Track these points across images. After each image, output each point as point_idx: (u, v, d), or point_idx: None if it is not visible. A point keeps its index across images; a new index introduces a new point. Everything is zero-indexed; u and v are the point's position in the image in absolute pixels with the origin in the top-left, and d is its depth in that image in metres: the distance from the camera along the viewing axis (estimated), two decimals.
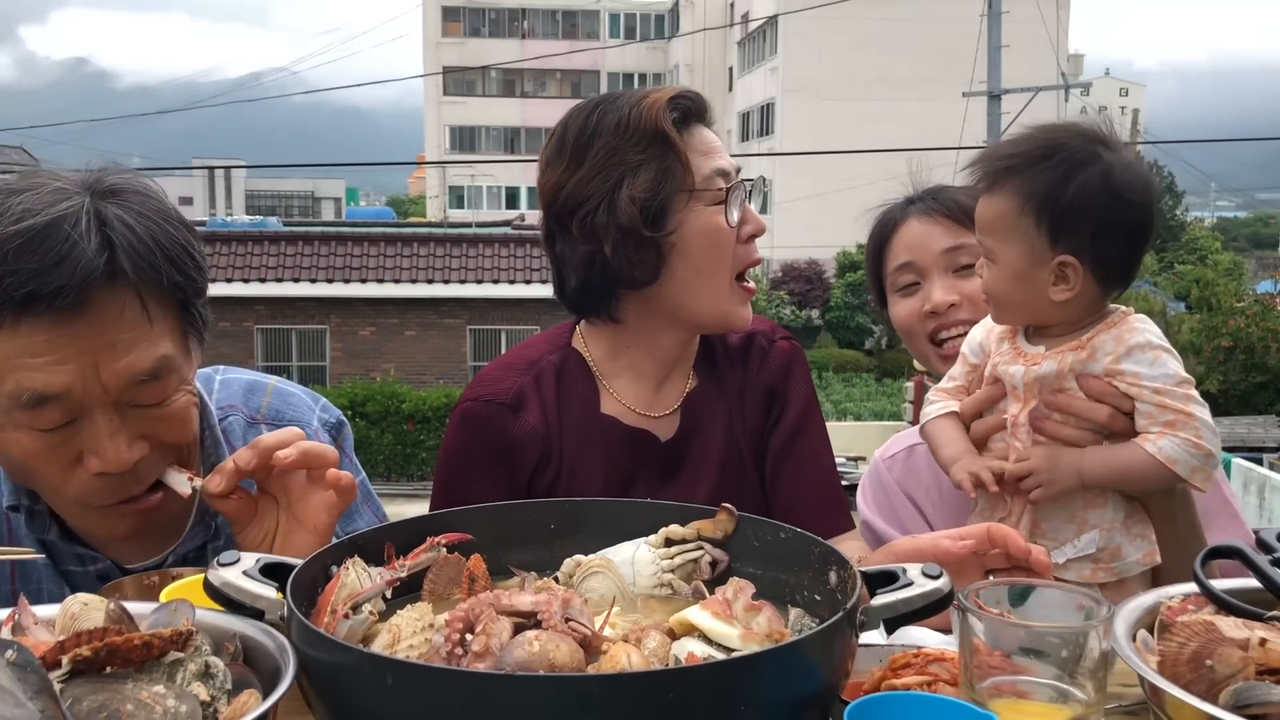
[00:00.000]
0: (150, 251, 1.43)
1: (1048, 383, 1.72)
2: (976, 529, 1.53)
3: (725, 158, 1.85)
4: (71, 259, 1.35)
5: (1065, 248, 1.68)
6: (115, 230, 1.40)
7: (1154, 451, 1.65)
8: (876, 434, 17.64)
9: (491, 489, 1.78)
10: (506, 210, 54.03)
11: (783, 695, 0.97)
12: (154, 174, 1.29)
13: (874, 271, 2.21)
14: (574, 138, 1.81)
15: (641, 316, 1.88)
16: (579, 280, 1.83)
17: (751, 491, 1.93)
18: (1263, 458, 14.89)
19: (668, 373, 1.94)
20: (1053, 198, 1.66)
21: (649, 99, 1.80)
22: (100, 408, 1.43)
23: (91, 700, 0.96)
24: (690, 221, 1.79)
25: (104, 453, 1.44)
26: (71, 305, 1.36)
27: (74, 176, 1.46)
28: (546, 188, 1.84)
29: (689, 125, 1.83)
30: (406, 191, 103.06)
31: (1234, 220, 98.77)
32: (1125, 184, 1.67)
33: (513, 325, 22.76)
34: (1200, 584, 1.20)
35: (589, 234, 1.78)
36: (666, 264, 1.80)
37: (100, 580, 1.61)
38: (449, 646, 1.02)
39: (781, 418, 1.98)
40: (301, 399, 1.87)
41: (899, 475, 2.13)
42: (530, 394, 1.87)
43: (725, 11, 55.80)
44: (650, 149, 1.77)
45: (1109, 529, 1.72)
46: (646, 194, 1.75)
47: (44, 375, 1.38)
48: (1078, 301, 1.71)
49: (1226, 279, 26.43)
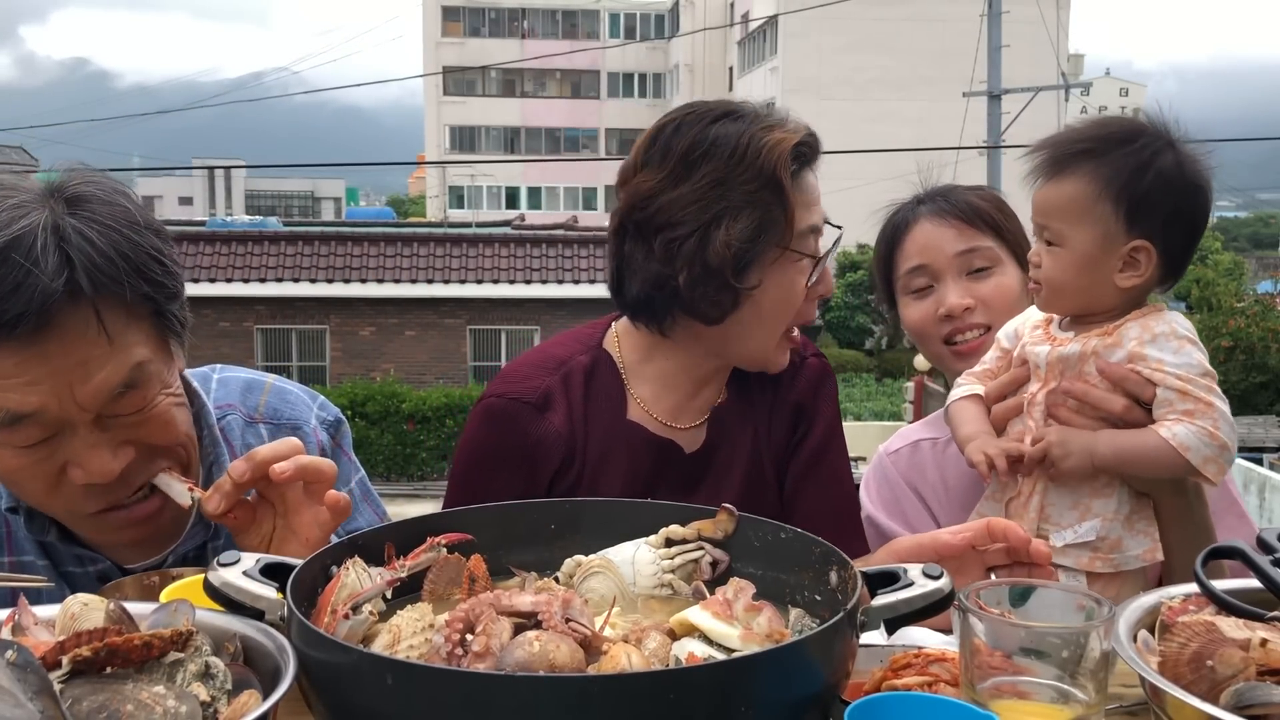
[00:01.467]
0: (112, 264, 1.39)
1: (1070, 363, 1.73)
2: (976, 523, 1.54)
3: (820, 211, 1.80)
4: (28, 285, 1.32)
5: (1140, 232, 1.69)
6: (73, 247, 1.36)
7: (1168, 436, 1.64)
8: (877, 434, 17.62)
9: (511, 488, 1.73)
10: (506, 210, 54.05)
11: (783, 696, 0.97)
12: (154, 174, 1.29)
13: (883, 273, 2.19)
14: (684, 149, 1.71)
15: (689, 339, 1.84)
16: (643, 294, 1.77)
17: (771, 509, 1.89)
18: (1263, 458, 14.89)
19: (699, 387, 1.91)
20: (1133, 182, 1.68)
21: (774, 138, 1.70)
22: (80, 422, 1.41)
23: (91, 700, 0.96)
24: (774, 276, 1.75)
25: (88, 464, 1.43)
26: (33, 330, 1.33)
27: (35, 186, 1.42)
28: (637, 190, 1.75)
29: (801, 172, 1.76)
30: (406, 191, 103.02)
31: (1234, 220, 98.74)
32: (1196, 174, 1.70)
33: (513, 325, 22.77)
34: (1201, 584, 1.20)
35: (670, 257, 1.71)
36: (738, 310, 1.75)
37: (100, 581, 1.61)
38: (449, 647, 1.02)
39: (806, 437, 1.95)
40: (300, 397, 1.86)
41: (904, 469, 2.13)
42: (558, 395, 1.82)
43: (725, 11, 55.80)
44: (760, 193, 1.69)
45: (1111, 520, 1.73)
46: (743, 242, 1.68)
47: (17, 395, 1.36)
48: (1141, 289, 1.73)
49: (1227, 279, 26.43)
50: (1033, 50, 30.48)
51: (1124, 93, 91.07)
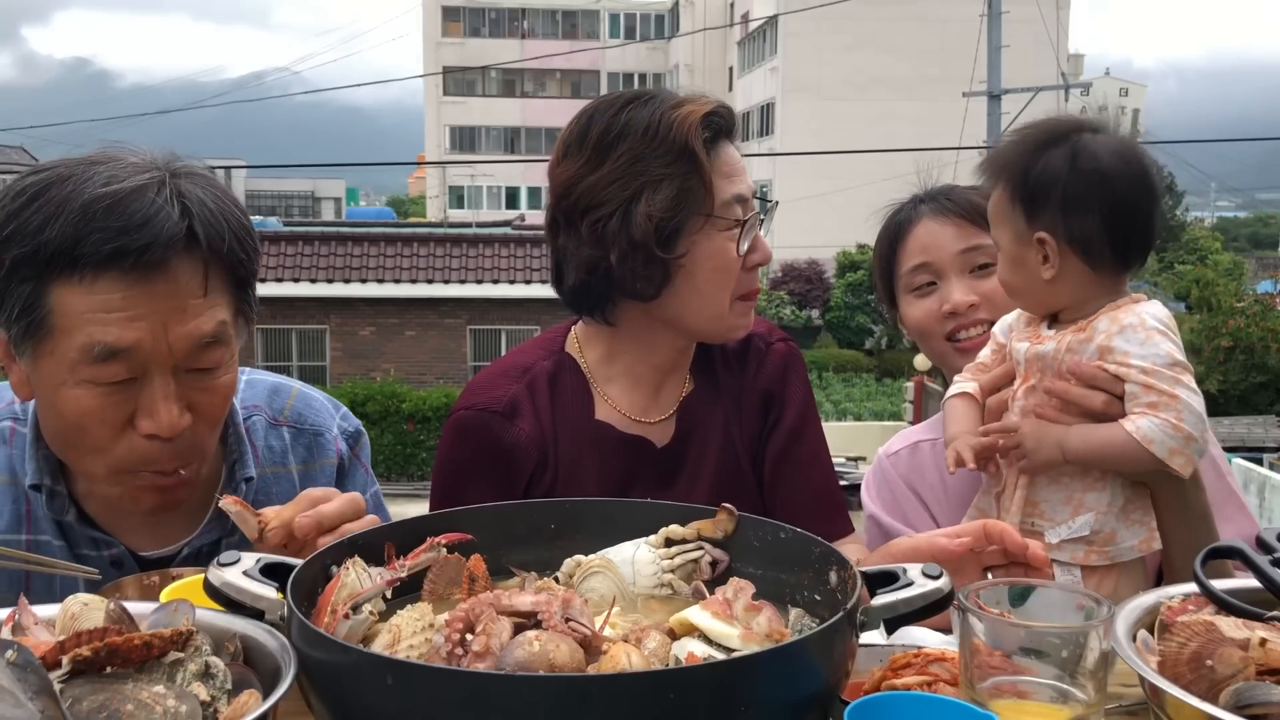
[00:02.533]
0: (220, 223, 1.50)
1: (1047, 361, 1.74)
2: (973, 526, 1.54)
3: (745, 181, 1.82)
4: (156, 221, 1.43)
5: (1040, 225, 1.72)
6: (192, 201, 1.48)
7: (1131, 430, 1.65)
8: (877, 434, 17.64)
9: (489, 495, 1.74)
10: (506, 210, 54.08)
11: (783, 695, 0.97)
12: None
13: (884, 272, 2.20)
14: (598, 134, 1.76)
15: (638, 323, 1.86)
16: (579, 281, 1.81)
17: (749, 496, 1.92)
18: (1263, 458, 14.90)
19: (663, 378, 1.93)
20: (1022, 176, 1.73)
21: (684, 110, 1.75)
22: (159, 370, 1.48)
23: (91, 700, 0.96)
24: (701, 245, 1.77)
25: (158, 415, 1.48)
26: (152, 265, 1.43)
27: (147, 155, 1.53)
28: (561, 179, 1.80)
29: (717, 143, 1.79)
30: (406, 191, 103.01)
31: (1234, 220, 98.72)
32: (1092, 159, 1.69)
33: (513, 325, 22.76)
34: (1200, 584, 1.20)
35: (597, 239, 1.75)
36: (671, 282, 1.78)
37: (113, 566, 1.65)
38: (449, 646, 1.02)
39: (779, 421, 1.97)
40: (324, 405, 1.89)
41: (903, 471, 2.14)
42: (523, 401, 1.85)
43: (725, 11, 55.80)
44: (675, 165, 1.73)
45: (1105, 513, 1.73)
46: (664, 213, 1.72)
47: (116, 330, 1.43)
48: (1068, 281, 1.73)
49: (1226, 279, 26.41)
50: (1033, 50, 30.48)
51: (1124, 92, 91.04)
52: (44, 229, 1.41)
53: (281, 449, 1.81)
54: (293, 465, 1.82)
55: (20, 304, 1.45)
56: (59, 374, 1.46)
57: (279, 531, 1.46)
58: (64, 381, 1.46)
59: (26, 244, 1.42)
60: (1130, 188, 1.70)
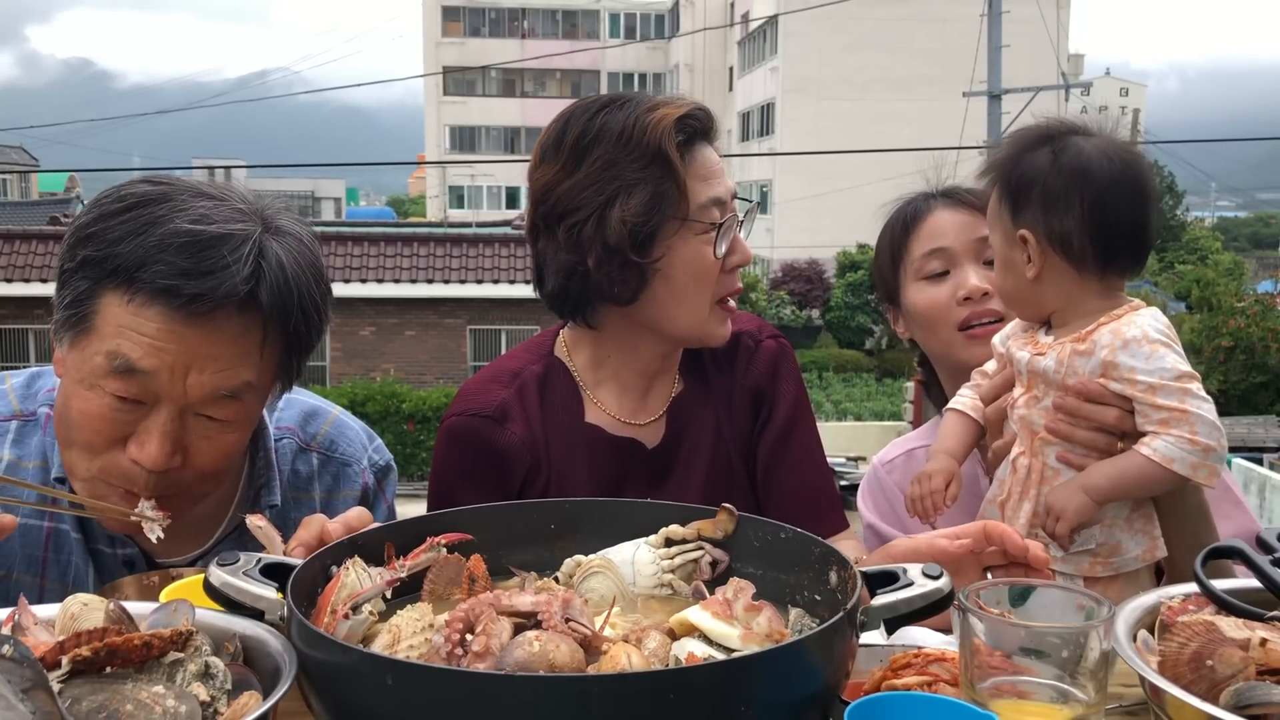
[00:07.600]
0: (289, 292, 1.52)
1: (1048, 376, 1.72)
2: (973, 527, 1.53)
3: (723, 184, 1.82)
4: (219, 276, 1.45)
5: (1022, 223, 1.73)
6: (269, 263, 1.50)
7: (1149, 453, 1.63)
8: (876, 434, 17.65)
9: (483, 500, 1.72)
10: (506, 210, 54.02)
11: (783, 695, 0.97)
12: (154, 174, 1.30)
13: (892, 260, 2.17)
14: (574, 138, 1.77)
15: (620, 327, 1.86)
16: (558, 285, 1.81)
17: (741, 494, 1.91)
18: (1263, 458, 14.89)
19: (651, 380, 1.93)
20: (1008, 175, 1.75)
21: (657, 114, 1.75)
22: (168, 405, 1.50)
23: (91, 700, 0.96)
24: (678, 249, 1.77)
25: (148, 446, 1.50)
26: (197, 314, 1.46)
27: (254, 202, 1.57)
28: (538, 184, 1.81)
29: (693, 146, 1.79)
30: (406, 191, 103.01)
31: (1234, 220, 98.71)
32: (1075, 157, 1.69)
33: (513, 325, 22.76)
34: (1201, 584, 1.20)
35: (574, 244, 1.76)
36: (648, 286, 1.78)
37: (126, 566, 1.67)
38: (449, 647, 1.02)
39: (771, 419, 1.96)
40: (358, 435, 1.91)
41: (899, 479, 2.14)
42: (514, 406, 1.85)
43: (725, 11, 55.76)
44: (649, 169, 1.73)
45: (1110, 525, 1.72)
46: (638, 217, 1.72)
47: (142, 351, 1.46)
48: (1051, 281, 1.72)
49: (1227, 279, 26.38)
50: (1033, 50, 30.49)
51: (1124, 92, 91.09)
52: (121, 241, 1.46)
53: (308, 474, 1.82)
54: (316, 491, 1.82)
55: (74, 295, 1.50)
56: (82, 370, 1.50)
57: (301, 551, 1.46)
58: (84, 379, 1.50)
59: (101, 249, 1.47)
60: (1111, 186, 1.68)
